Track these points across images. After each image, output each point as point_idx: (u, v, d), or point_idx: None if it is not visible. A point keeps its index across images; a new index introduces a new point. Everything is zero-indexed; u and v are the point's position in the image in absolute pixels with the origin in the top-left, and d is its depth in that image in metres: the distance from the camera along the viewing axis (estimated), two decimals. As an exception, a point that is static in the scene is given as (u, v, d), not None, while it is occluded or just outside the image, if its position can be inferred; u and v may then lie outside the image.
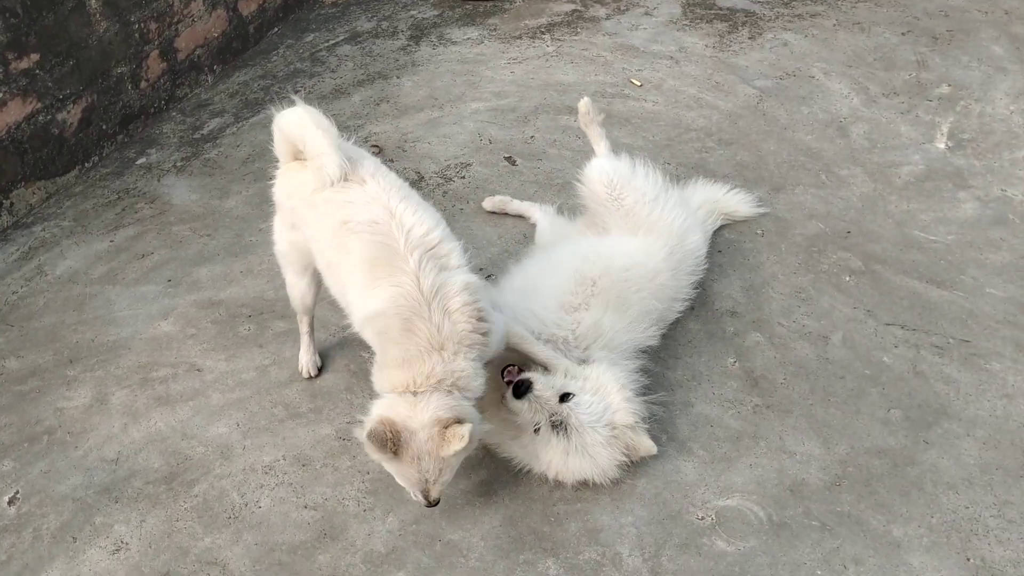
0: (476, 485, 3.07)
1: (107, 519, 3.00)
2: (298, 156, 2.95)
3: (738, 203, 4.14)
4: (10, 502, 3.06)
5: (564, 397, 2.95)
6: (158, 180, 4.57)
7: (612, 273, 3.36)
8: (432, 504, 2.74)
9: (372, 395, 3.35)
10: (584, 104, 3.91)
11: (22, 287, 3.94)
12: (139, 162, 4.71)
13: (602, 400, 2.98)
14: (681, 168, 4.48)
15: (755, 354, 3.51)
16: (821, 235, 4.05)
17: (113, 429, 3.30)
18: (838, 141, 4.64)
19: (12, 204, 4.27)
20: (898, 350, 3.49)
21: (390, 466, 2.70)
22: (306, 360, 3.45)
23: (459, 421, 2.59)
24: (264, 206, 4.33)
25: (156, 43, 4.90)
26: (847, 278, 3.82)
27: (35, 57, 4.19)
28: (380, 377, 2.73)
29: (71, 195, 4.49)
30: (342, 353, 3.57)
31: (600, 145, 3.92)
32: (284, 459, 3.18)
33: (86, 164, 4.62)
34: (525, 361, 3.07)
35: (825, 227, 4.09)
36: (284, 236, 3.12)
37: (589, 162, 3.82)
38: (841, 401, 3.30)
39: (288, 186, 3.00)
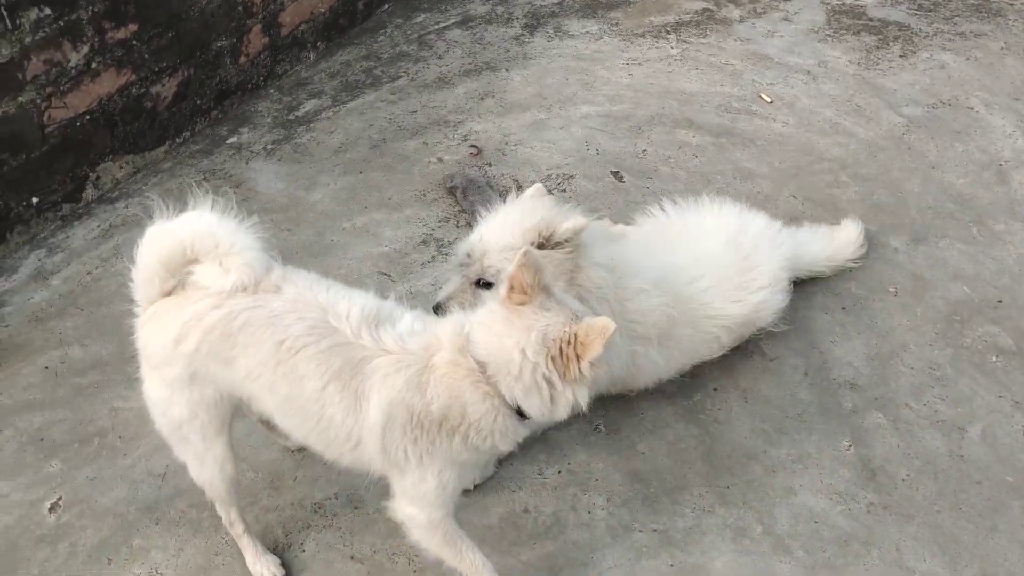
0: (539, 558, 2.75)
1: (145, 542, 2.81)
2: (168, 289, 2.31)
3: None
4: (51, 508, 2.91)
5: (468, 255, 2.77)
6: (246, 163, 4.37)
7: None
8: None
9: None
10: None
11: (97, 267, 3.80)
12: (230, 141, 4.51)
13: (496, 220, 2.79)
14: (808, 204, 4.00)
15: (875, 439, 3.06)
16: (966, 301, 3.53)
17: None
18: (996, 188, 4.06)
19: (98, 178, 4.13)
20: (1049, 456, 2.98)
21: None
22: (261, 568, 2.72)
23: None
24: (351, 203, 4.10)
25: (260, 17, 4.67)
26: (994, 358, 3.31)
27: (133, 28, 4.01)
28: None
29: (158, 171, 4.33)
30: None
31: None
32: (336, 498, 2.92)
33: (177, 139, 4.45)
34: None
35: (972, 292, 3.57)
36: (179, 399, 2.37)
37: None
38: (975, 512, 2.83)
39: (169, 330, 2.28)
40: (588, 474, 2.97)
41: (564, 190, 4.12)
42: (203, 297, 2.27)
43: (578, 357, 2.09)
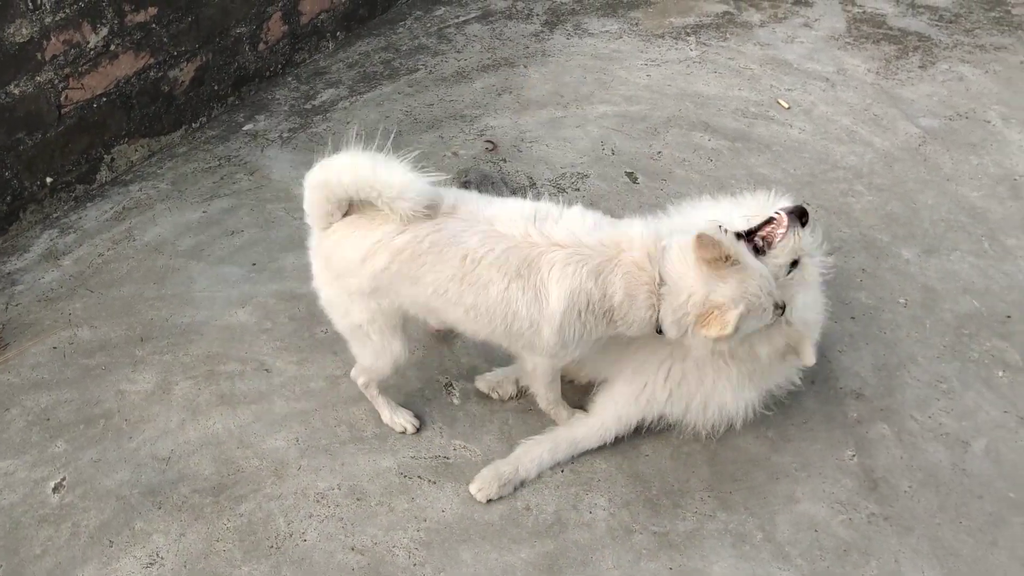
0: (539, 556, 2.76)
1: (147, 526, 2.82)
2: (339, 212, 2.54)
3: None
4: (55, 489, 2.93)
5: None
6: (261, 150, 4.38)
7: None
8: None
9: (454, 428, 3.10)
10: None
11: (109, 250, 3.82)
12: (246, 128, 4.53)
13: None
14: (821, 212, 3.99)
15: (879, 450, 3.05)
16: (975, 315, 3.51)
17: (171, 423, 3.13)
18: (1009, 203, 4.04)
19: (113, 160, 4.15)
20: (1053, 474, 2.97)
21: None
22: (399, 419, 3.09)
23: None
24: (363, 194, 4.09)
25: (280, 4, 4.68)
26: (1000, 373, 3.30)
27: (153, 11, 4.03)
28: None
29: (173, 155, 4.34)
30: (418, 375, 3.29)
31: None
32: (339, 488, 2.93)
33: (193, 124, 4.47)
34: None
35: (981, 306, 3.55)
36: (359, 307, 2.67)
37: None
38: (975, 527, 2.83)
39: (356, 248, 2.53)
40: (591, 474, 2.98)
41: (578, 189, 4.12)
42: (388, 221, 2.50)
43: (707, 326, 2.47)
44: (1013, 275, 3.69)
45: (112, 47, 3.92)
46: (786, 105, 4.68)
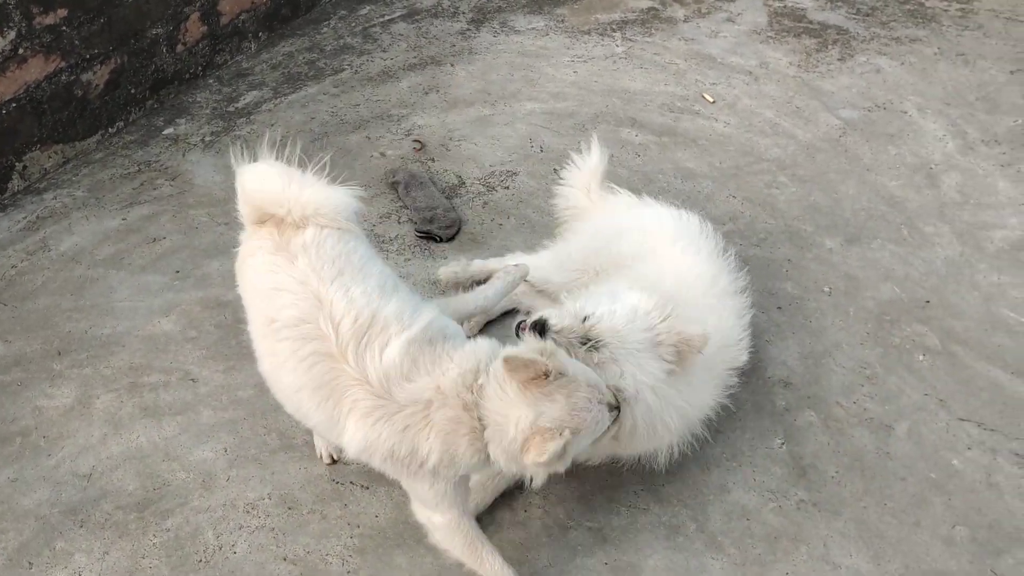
0: (475, 557, 2.74)
1: (68, 545, 2.73)
2: (264, 218, 2.50)
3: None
4: (-30, 511, 2.82)
5: (585, 319, 2.59)
6: (183, 155, 4.27)
7: None
8: None
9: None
10: None
11: (23, 261, 3.68)
12: (166, 132, 4.41)
13: (626, 304, 2.63)
14: (747, 204, 4.05)
15: (806, 437, 3.11)
16: (896, 301, 3.61)
17: (92, 439, 3.03)
18: (926, 191, 4.16)
19: (25, 167, 4.00)
20: (971, 453, 3.06)
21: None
22: (320, 443, 2.96)
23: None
24: (290, 197, 4.02)
25: (198, 4, 4.57)
26: (920, 357, 3.39)
27: (63, 12, 3.89)
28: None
29: (90, 162, 4.21)
30: (349, 379, 3.24)
31: None
32: (269, 498, 2.87)
33: (110, 129, 4.33)
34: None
35: (901, 292, 3.65)
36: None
37: None
38: (899, 508, 2.90)
39: (244, 249, 2.55)
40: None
41: (507, 187, 4.11)
42: (263, 242, 2.44)
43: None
44: (931, 262, 3.79)
45: (20, 51, 3.78)
46: (711, 99, 4.74)
